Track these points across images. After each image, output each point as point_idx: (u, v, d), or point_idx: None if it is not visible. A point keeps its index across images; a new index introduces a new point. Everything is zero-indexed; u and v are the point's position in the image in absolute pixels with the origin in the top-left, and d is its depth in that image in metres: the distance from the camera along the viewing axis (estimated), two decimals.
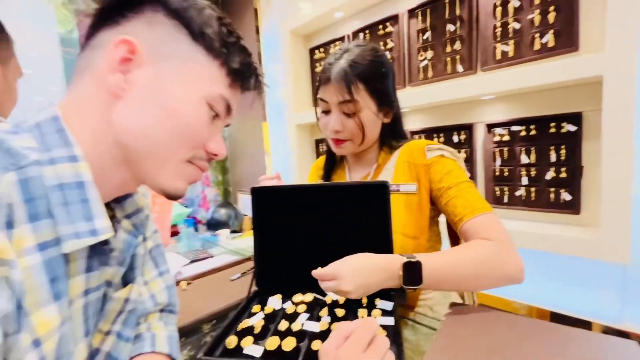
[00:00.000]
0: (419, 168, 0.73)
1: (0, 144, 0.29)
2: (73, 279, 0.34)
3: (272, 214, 0.69)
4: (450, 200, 0.69)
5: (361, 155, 0.81)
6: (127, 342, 0.44)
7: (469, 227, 0.67)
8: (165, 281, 0.56)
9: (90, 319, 0.37)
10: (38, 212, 0.29)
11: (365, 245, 0.65)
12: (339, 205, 0.66)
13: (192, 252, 1.17)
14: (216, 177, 2.66)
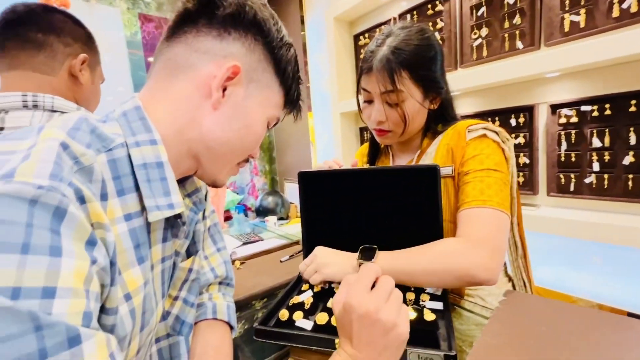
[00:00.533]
0: (457, 151, 0.68)
1: (94, 130, 0.33)
2: (154, 247, 0.39)
3: (320, 198, 0.71)
4: (461, 187, 0.65)
5: (406, 142, 0.79)
6: (191, 308, 0.50)
7: (459, 218, 0.63)
8: (222, 256, 0.61)
9: (165, 284, 0.42)
10: (124, 187, 0.34)
11: (414, 229, 0.64)
12: (387, 189, 0.66)
13: (244, 235, 1.24)
14: (264, 167, 2.77)
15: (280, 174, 2.79)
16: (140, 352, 0.38)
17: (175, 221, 0.41)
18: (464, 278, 0.55)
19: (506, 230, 0.60)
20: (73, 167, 0.29)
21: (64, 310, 0.24)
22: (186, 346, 0.48)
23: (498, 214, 0.59)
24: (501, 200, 0.61)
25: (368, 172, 0.68)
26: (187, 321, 0.49)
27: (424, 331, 0.46)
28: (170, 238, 0.42)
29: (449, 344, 0.43)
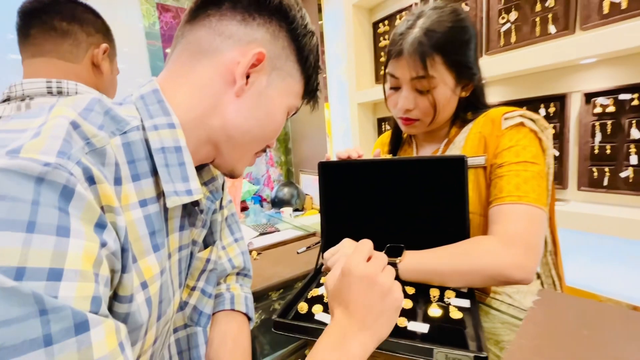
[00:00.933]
0: (491, 140, 0.64)
1: (108, 112, 0.32)
2: (171, 235, 0.38)
3: (340, 190, 0.69)
4: (495, 181, 0.61)
5: (432, 131, 0.75)
6: (209, 298, 0.49)
7: (492, 214, 0.59)
8: (240, 247, 0.60)
9: (182, 273, 0.42)
10: (139, 172, 0.33)
11: (438, 222, 0.61)
12: (410, 181, 0.63)
13: (260, 226, 1.24)
14: (279, 158, 2.77)
15: (296, 165, 2.78)
16: (157, 342, 0.37)
17: (192, 209, 0.40)
18: (498, 278, 0.52)
19: (543, 227, 0.56)
20: (84, 147, 0.27)
21: (71, 294, 0.22)
22: (204, 337, 0.48)
23: (534, 210, 0.56)
24: (538, 196, 0.57)
25: (391, 163, 0.65)
26: (205, 312, 0.48)
27: (450, 330, 0.43)
28: (188, 227, 0.41)
29: (478, 344, 0.41)
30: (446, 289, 0.55)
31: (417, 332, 0.44)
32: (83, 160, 0.26)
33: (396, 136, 0.84)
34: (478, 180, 0.65)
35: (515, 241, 0.53)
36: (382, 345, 0.42)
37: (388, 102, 0.72)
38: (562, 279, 0.69)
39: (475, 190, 0.65)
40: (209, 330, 0.49)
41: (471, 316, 0.47)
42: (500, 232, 0.55)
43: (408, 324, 0.45)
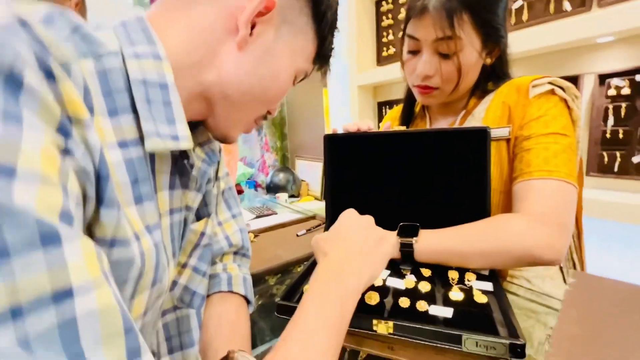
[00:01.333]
0: (516, 110, 0.58)
1: (77, 29, 0.25)
2: (160, 192, 0.32)
3: (348, 165, 0.63)
4: (521, 155, 0.56)
5: (448, 103, 0.69)
6: (203, 277, 0.43)
7: (517, 190, 0.54)
8: (238, 223, 0.55)
9: (176, 242, 0.36)
10: (117, 106, 0.27)
11: (456, 200, 0.56)
12: (426, 155, 0.58)
13: (256, 209, 1.19)
14: (275, 143, 2.69)
15: (292, 151, 2.71)
16: (148, 316, 0.31)
17: (184, 165, 0.34)
18: (526, 259, 0.47)
19: (574, 205, 0.51)
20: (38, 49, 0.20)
21: (31, 199, 0.16)
22: (197, 320, 0.42)
23: (565, 186, 0.51)
24: (569, 170, 0.52)
25: (406, 136, 0.59)
26: (199, 292, 0.43)
27: (477, 315, 0.39)
28: (180, 187, 0.35)
29: (511, 330, 0.36)
30: (466, 271, 0.50)
31: (439, 317, 0.40)
32: (35, 48, 0.19)
33: (408, 109, 0.77)
34: (500, 153, 0.60)
35: (545, 219, 0.48)
36: (402, 330, 0.37)
37: (405, 68, 0.66)
38: (583, 264, 0.65)
39: (496, 165, 0.60)
40: (202, 313, 0.44)
41: (497, 300, 0.43)
42: (529, 210, 0.50)
43: (429, 308, 0.40)
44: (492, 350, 0.34)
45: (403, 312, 0.40)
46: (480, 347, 0.34)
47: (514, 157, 0.58)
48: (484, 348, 0.34)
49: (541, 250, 0.46)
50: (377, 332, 0.38)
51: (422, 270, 0.51)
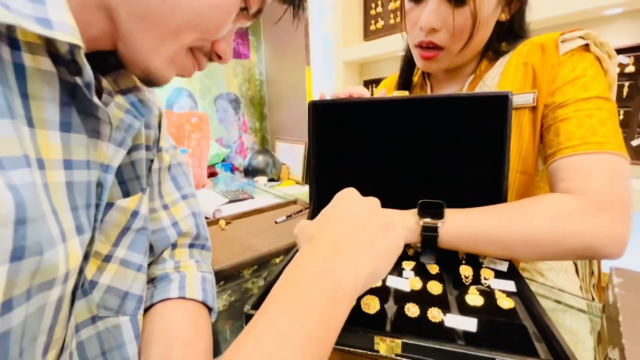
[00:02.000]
0: (543, 70, 0.49)
1: None
2: (41, 130, 0.21)
3: (337, 137, 0.52)
4: (555, 125, 0.47)
5: (454, 68, 0.59)
6: (138, 272, 0.32)
7: (557, 169, 0.45)
8: (190, 206, 0.43)
9: (82, 213, 0.24)
10: None
11: (465, 181, 0.47)
12: (430, 126, 0.48)
13: (230, 192, 1.06)
14: (254, 124, 2.54)
15: (272, 132, 2.57)
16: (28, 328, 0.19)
17: (84, 96, 0.23)
18: (583, 252, 0.39)
19: (630, 183, 0.42)
20: None
21: None
22: (134, 330, 0.31)
23: (620, 161, 0.42)
24: (620, 141, 0.43)
25: (406, 103, 0.49)
26: (133, 292, 0.31)
27: (506, 327, 0.30)
28: (83, 131, 0.24)
29: (551, 348, 0.28)
30: (481, 266, 0.41)
31: (458, 330, 0.30)
32: None
33: (406, 77, 0.66)
34: (521, 125, 0.51)
35: (604, 203, 0.40)
36: (413, 350, 0.28)
37: (406, 22, 0.55)
38: None
39: (514, 138, 0.51)
40: (141, 322, 0.32)
41: (526, 305, 0.34)
42: (582, 191, 0.41)
43: (445, 318, 0.31)
44: None
45: (411, 324, 0.31)
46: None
47: (546, 130, 0.49)
48: None
49: (602, 240, 0.38)
50: (379, 352, 0.29)
51: (429, 266, 0.41)
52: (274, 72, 2.46)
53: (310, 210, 0.54)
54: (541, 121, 0.50)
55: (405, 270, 0.41)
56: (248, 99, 2.48)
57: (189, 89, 2.20)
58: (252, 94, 2.50)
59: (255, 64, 2.50)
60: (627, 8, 0.88)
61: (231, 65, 2.39)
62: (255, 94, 2.52)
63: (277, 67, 2.42)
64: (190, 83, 2.22)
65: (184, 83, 2.19)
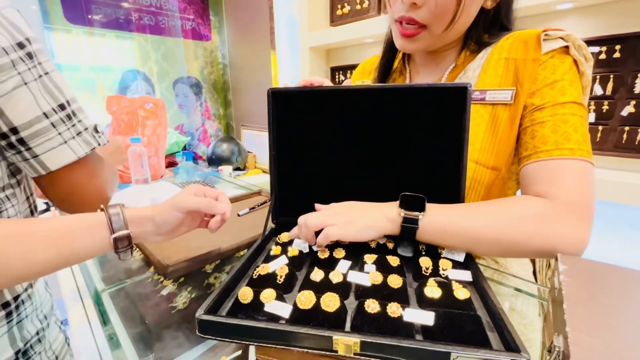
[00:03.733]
0: (526, 66, 0.49)
1: None
2: None
3: (298, 127, 0.50)
4: (532, 127, 0.48)
5: (435, 54, 0.58)
6: None
7: (531, 172, 0.46)
8: None
9: None
10: None
11: (423, 173, 0.47)
12: (390, 117, 0.47)
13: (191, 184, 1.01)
14: (217, 110, 2.43)
15: (237, 119, 2.48)
16: None
17: None
18: (548, 252, 0.41)
19: (595, 189, 0.44)
20: None
21: None
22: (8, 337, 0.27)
23: (589, 168, 0.44)
24: (589, 148, 0.45)
25: (366, 93, 0.48)
26: None
27: (461, 318, 0.31)
28: None
29: (503, 339, 0.29)
30: (440, 257, 0.42)
31: (416, 325, 0.31)
32: None
33: (387, 61, 0.64)
34: (496, 121, 0.51)
35: (572, 207, 0.41)
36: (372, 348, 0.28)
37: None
38: None
39: (491, 134, 0.51)
40: None
41: (481, 295, 0.35)
42: (553, 196, 0.43)
43: (403, 313, 0.31)
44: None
45: (371, 321, 0.31)
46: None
47: (523, 131, 0.49)
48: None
49: (567, 243, 0.40)
50: (338, 352, 0.28)
51: (389, 258, 0.41)
52: (237, 56, 2.35)
53: (271, 202, 0.52)
54: (520, 121, 0.50)
55: (367, 263, 0.41)
56: (210, 84, 2.36)
57: (144, 72, 2.04)
58: (215, 78, 2.38)
59: (217, 46, 2.37)
60: (577, 4, 0.93)
61: (191, 47, 2.24)
62: (219, 79, 2.40)
63: (241, 50, 2.31)
64: (147, 64, 2.06)
65: (138, 64, 2.02)
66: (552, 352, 0.26)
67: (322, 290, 0.34)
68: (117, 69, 1.96)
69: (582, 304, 0.28)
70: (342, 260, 0.41)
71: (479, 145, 0.51)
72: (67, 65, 1.79)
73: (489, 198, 0.52)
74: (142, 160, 0.97)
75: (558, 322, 0.29)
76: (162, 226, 0.43)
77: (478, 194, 0.53)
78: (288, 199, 0.53)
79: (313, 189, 0.52)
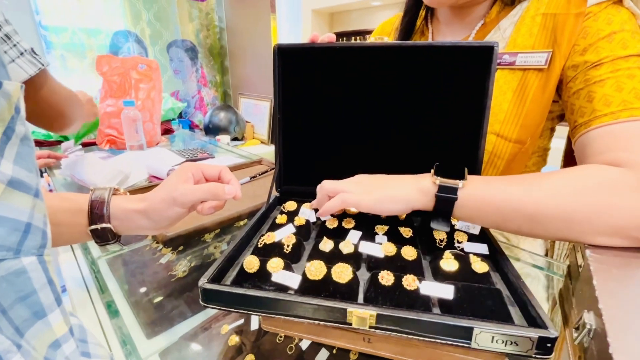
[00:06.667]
0: (567, 21, 0.42)
1: None
2: None
3: (306, 88, 0.47)
4: (587, 88, 0.40)
5: (464, 9, 0.52)
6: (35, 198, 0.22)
7: (592, 140, 0.39)
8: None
9: None
10: None
11: (440, 142, 0.44)
12: (407, 78, 0.43)
13: (188, 151, 0.97)
14: (214, 77, 2.33)
15: (234, 87, 2.38)
16: None
17: None
18: (627, 233, 0.31)
19: None
20: None
21: None
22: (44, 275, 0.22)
23: None
24: None
25: (381, 51, 0.43)
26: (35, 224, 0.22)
27: (482, 293, 0.29)
28: None
29: (527, 315, 0.27)
30: (454, 229, 0.40)
31: (433, 298, 0.29)
32: None
33: (411, 15, 0.58)
34: (525, 89, 0.46)
35: None
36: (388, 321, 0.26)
37: None
38: None
39: (516, 104, 0.46)
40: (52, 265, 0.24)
41: (499, 269, 0.33)
42: (632, 163, 0.33)
43: (420, 285, 0.29)
44: (512, 346, 0.24)
45: (386, 293, 0.29)
46: (497, 343, 0.24)
47: (574, 95, 0.43)
48: (502, 344, 0.24)
49: None
50: (352, 325, 0.26)
51: (401, 229, 0.39)
52: (235, 19, 2.22)
53: (276, 171, 0.49)
54: (564, 85, 0.44)
55: (379, 234, 0.39)
56: (206, 48, 2.24)
57: (136, 33, 1.92)
58: (212, 42, 2.26)
59: (213, 8, 2.23)
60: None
61: (185, 8, 2.11)
62: (215, 43, 2.28)
63: (238, 13, 2.18)
64: (138, 25, 1.93)
65: (129, 25, 1.90)
66: (580, 330, 0.25)
67: (332, 261, 0.32)
68: (107, 31, 1.84)
69: (613, 280, 0.26)
70: (352, 231, 0.39)
71: (502, 116, 0.47)
72: (53, 27, 1.67)
73: (509, 173, 0.48)
74: (137, 125, 0.93)
75: (585, 298, 0.27)
76: (160, 222, 0.38)
77: (497, 168, 0.49)
78: (294, 167, 0.50)
79: (321, 155, 0.49)
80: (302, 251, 0.37)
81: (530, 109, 0.46)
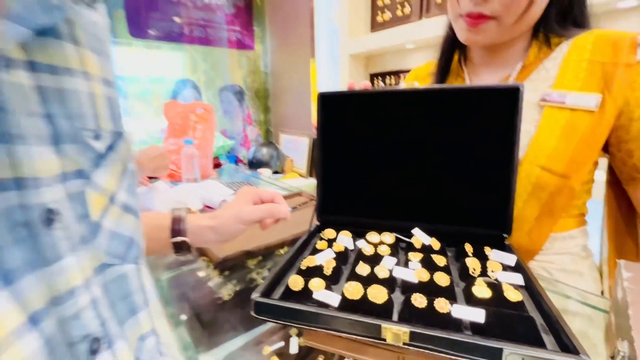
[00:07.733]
0: (617, 71, 0.44)
1: None
2: None
3: (343, 128, 0.52)
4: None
5: (500, 50, 0.53)
6: (137, 219, 0.28)
7: None
8: None
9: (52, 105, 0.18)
10: None
11: (472, 177, 0.47)
12: (437, 118, 0.47)
13: (235, 184, 1.07)
14: (258, 117, 2.53)
15: (275, 125, 2.56)
16: None
17: None
18: None
19: None
20: None
21: None
22: (138, 281, 0.28)
23: None
24: None
25: (414, 95, 0.48)
26: (136, 239, 0.28)
27: (514, 319, 0.30)
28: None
29: (559, 341, 0.28)
30: (485, 259, 0.41)
31: (465, 321, 0.31)
32: None
33: (446, 58, 0.60)
34: (576, 128, 0.47)
35: None
36: (421, 339, 0.28)
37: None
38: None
39: (564, 140, 0.47)
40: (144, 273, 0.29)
41: (535, 298, 0.34)
42: None
43: (452, 308, 0.31)
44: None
45: (419, 314, 0.31)
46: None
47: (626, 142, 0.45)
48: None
49: None
50: (386, 341, 0.29)
51: (435, 257, 0.41)
52: (278, 64, 2.44)
53: (317, 203, 0.54)
54: (615, 132, 0.46)
55: (412, 261, 0.41)
56: (253, 91, 2.47)
57: (193, 80, 2.19)
58: (257, 86, 2.49)
59: (260, 55, 2.48)
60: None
61: (235, 57, 2.37)
62: (260, 86, 2.51)
63: (282, 59, 2.40)
64: (195, 74, 2.21)
65: (188, 74, 2.18)
66: (614, 358, 0.25)
67: (369, 284, 0.35)
68: (169, 79, 2.12)
69: None
70: (387, 257, 0.42)
71: (549, 151, 0.48)
72: (128, 77, 1.97)
73: (552, 205, 0.49)
74: (194, 161, 1.05)
75: (622, 329, 0.27)
76: (225, 236, 0.46)
77: (539, 200, 0.49)
78: (332, 199, 0.54)
79: (357, 188, 0.53)
80: (341, 274, 0.40)
81: (578, 148, 0.47)
